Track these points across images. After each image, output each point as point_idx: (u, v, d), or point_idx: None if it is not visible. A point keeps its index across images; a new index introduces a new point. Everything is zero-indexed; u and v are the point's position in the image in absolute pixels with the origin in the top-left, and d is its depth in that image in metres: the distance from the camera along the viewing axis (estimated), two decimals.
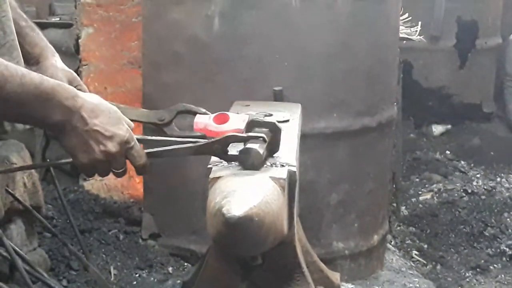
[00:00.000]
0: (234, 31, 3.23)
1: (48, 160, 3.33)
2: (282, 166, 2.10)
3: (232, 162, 2.08)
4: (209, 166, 2.10)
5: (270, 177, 2.00)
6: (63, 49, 3.98)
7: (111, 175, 2.03)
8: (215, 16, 3.21)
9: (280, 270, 2.22)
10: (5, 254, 2.65)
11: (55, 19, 4.37)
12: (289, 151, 2.23)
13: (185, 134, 2.36)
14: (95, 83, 3.84)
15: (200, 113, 2.35)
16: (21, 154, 3.02)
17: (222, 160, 2.14)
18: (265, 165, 2.06)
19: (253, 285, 2.22)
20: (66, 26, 4.07)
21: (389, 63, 3.61)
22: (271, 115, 2.64)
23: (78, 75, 3.81)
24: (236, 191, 1.87)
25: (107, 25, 3.83)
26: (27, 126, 2.56)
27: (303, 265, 2.27)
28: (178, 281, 2.81)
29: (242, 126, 2.25)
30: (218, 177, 2.00)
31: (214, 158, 2.16)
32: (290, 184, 2.05)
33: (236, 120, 2.33)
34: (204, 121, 2.32)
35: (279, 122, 2.58)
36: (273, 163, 2.10)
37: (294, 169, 2.09)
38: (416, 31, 4.79)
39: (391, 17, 3.60)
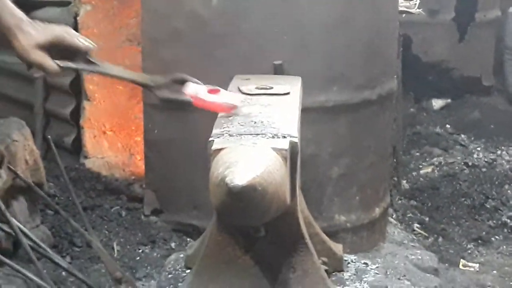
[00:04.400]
0: (233, 6, 3.23)
1: (49, 137, 3.33)
2: (284, 137, 2.11)
3: None
4: (210, 138, 2.12)
5: (272, 148, 2.01)
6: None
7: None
8: None
9: (283, 241, 2.23)
10: (9, 230, 2.68)
11: None
12: (290, 123, 2.24)
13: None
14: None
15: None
16: (22, 131, 3.03)
17: (224, 133, 2.15)
18: None
19: (256, 257, 2.24)
20: (64, 4, 4.07)
21: (388, 36, 3.60)
22: (271, 88, 2.66)
23: None
24: (238, 162, 1.88)
25: (105, 2, 3.83)
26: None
27: (306, 236, 2.29)
28: (182, 255, 2.82)
29: (235, 101, 2.30)
30: (220, 149, 2.01)
31: (215, 131, 2.18)
32: (292, 155, 2.06)
33: (228, 96, 2.36)
34: (196, 87, 2.33)
35: (279, 94, 2.61)
36: (275, 134, 2.12)
37: (296, 140, 2.10)
38: (415, 4, 4.79)
39: None
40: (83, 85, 3.90)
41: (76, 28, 3.87)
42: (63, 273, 2.89)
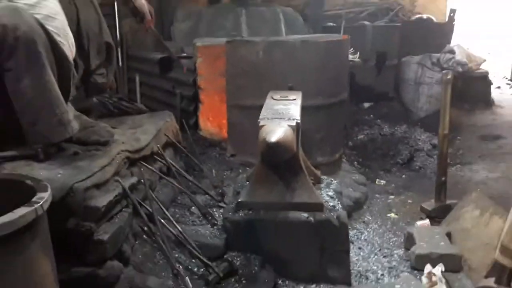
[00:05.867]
0: (270, 58, 3.21)
1: (183, 120, 3.33)
2: (293, 120, 2.11)
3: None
4: (259, 120, 2.13)
5: (288, 125, 2.02)
6: (193, 69, 3.99)
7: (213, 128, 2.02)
8: (260, 51, 3.20)
9: (292, 168, 2.25)
10: (165, 163, 2.72)
11: (184, 54, 4.38)
12: (296, 113, 2.24)
13: None
14: (204, 85, 3.87)
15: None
16: (171, 117, 3.07)
17: (265, 117, 2.15)
18: None
19: (280, 176, 2.25)
20: (190, 57, 4.09)
21: (344, 72, 3.56)
22: (287, 96, 2.64)
23: (196, 83, 3.86)
24: (272, 131, 1.90)
25: (209, 57, 3.83)
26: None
27: (303, 166, 2.30)
28: (244, 175, 2.85)
29: None
30: (263, 125, 2.03)
31: (261, 117, 2.18)
32: (297, 128, 2.07)
33: None
34: None
35: (291, 100, 2.59)
36: (289, 118, 2.12)
37: (299, 121, 2.11)
38: (357, 57, 4.71)
39: (345, 50, 3.54)
40: (198, 95, 3.92)
41: (195, 69, 3.88)
42: (190, 183, 2.93)
